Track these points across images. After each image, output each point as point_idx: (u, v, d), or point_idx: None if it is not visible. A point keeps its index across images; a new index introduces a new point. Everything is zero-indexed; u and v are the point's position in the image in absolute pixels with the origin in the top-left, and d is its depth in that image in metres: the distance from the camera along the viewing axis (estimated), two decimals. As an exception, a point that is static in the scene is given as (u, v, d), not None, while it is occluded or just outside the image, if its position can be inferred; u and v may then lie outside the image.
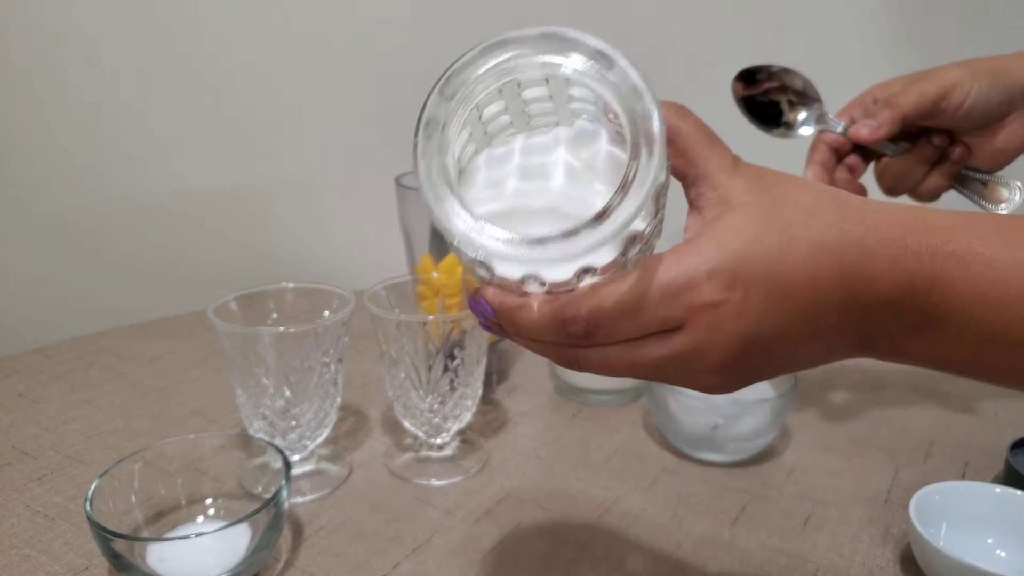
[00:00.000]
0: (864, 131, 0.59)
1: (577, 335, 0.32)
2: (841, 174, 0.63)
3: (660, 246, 0.33)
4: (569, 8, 0.98)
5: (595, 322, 0.31)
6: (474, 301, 0.35)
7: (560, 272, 0.31)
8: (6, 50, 1.11)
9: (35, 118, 1.14)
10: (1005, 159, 0.61)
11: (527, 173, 0.35)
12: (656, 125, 0.29)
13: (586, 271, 0.31)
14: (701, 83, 0.70)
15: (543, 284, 0.32)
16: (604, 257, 0.31)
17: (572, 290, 0.32)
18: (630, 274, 0.31)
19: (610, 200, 0.29)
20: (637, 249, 0.31)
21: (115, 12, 1.08)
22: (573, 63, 0.32)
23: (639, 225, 0.30)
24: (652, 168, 0.29)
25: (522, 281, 0.32)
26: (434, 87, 0.34)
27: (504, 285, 0.33)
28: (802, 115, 0.63)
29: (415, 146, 0.34)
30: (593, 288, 0.31)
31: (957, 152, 0.60)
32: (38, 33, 1.10)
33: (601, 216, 0.29)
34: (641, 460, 0.66)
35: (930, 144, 0.61)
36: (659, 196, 0.32)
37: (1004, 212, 0.57)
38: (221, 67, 1.10)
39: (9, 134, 1.16)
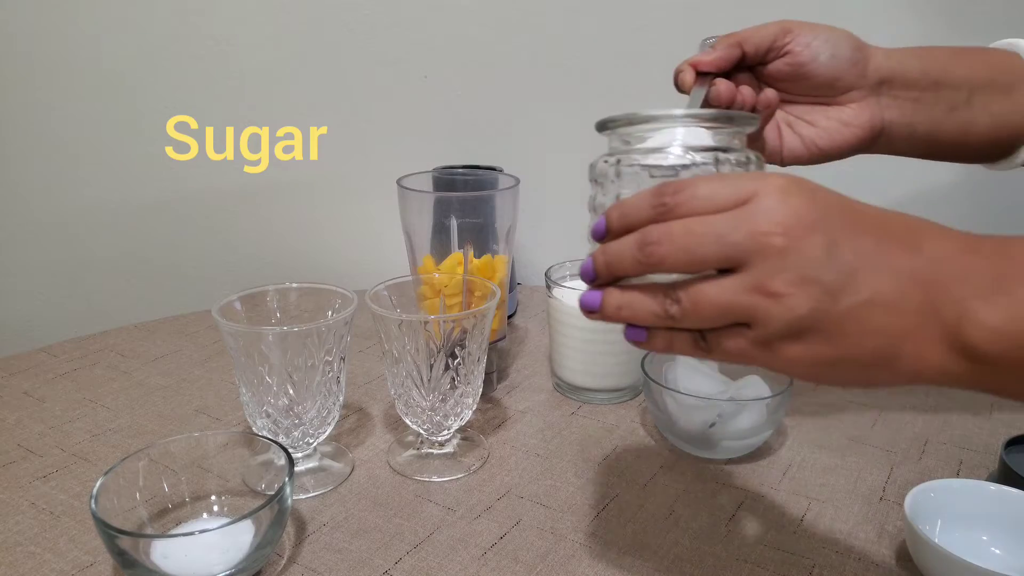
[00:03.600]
0: (703, 56, 0.56)
1: (667, 199, 0.37)
2: None
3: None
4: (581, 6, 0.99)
5: (684, 187, 0.37)
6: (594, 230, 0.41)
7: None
8: (7, 51, 1.12)
9: (40, 120, 1.15)
10: (844, 139, 0.57)
11: None
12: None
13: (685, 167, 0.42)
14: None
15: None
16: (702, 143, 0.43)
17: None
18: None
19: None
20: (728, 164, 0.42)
21: (115, 13, 1.09)
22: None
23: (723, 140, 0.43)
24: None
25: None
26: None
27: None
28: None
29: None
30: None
31: (763, 97, 0.56)
32: (39, 34, 1.11)
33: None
34: (639, 457, 0.67)
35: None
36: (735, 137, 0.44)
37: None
38: (225, 69, 1.10)
39: (14, 135, 1.16)
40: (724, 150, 0.43)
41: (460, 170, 0.84)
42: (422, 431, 0.64)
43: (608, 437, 0.70)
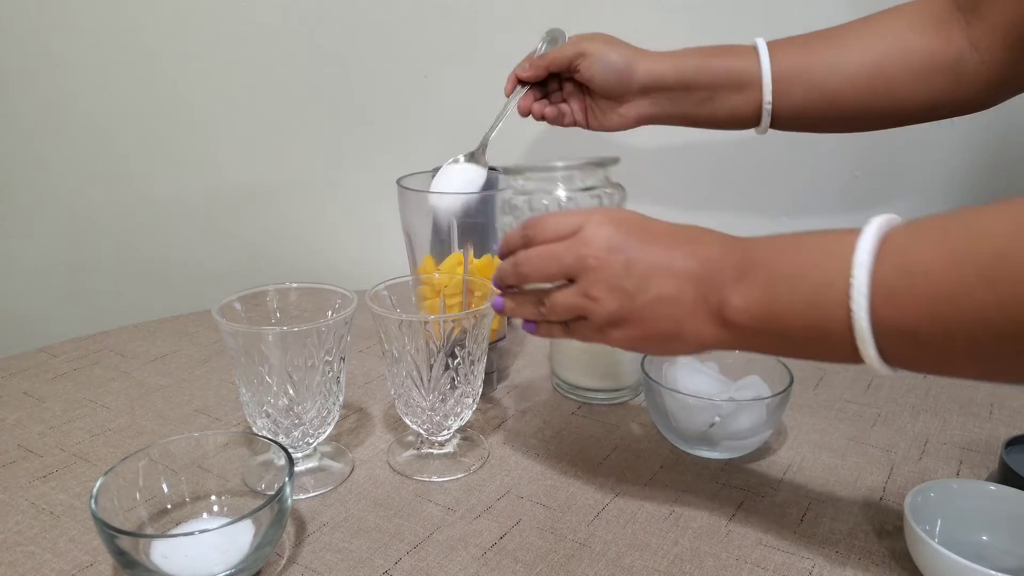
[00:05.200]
0: (523, 72, 0.77)
1: (528, 231, 0.54)
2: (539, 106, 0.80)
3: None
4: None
5: (538, 223, 0.54)
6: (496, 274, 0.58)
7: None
8: (8, 52, 1.12)
9: (40, 120, 1.15)
10: (620, 124, 0.76)
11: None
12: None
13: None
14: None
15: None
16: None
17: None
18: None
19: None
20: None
21: (116, 13, 1.09)
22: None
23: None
24: None
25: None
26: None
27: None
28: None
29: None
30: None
31: (548, 111, 0.78)
32: (40, 35, 1.11)
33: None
34: (639, 457, 0.67)
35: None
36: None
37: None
38: (225, 68, 1.10)
39: (15, 135, 1.16)
40: (590, 188, 0.72)
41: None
42: (422, 431, 0.64)
43: (608, 437, 0.70)
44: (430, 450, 0.66)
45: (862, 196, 1.01)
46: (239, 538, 0.49)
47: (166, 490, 0.55)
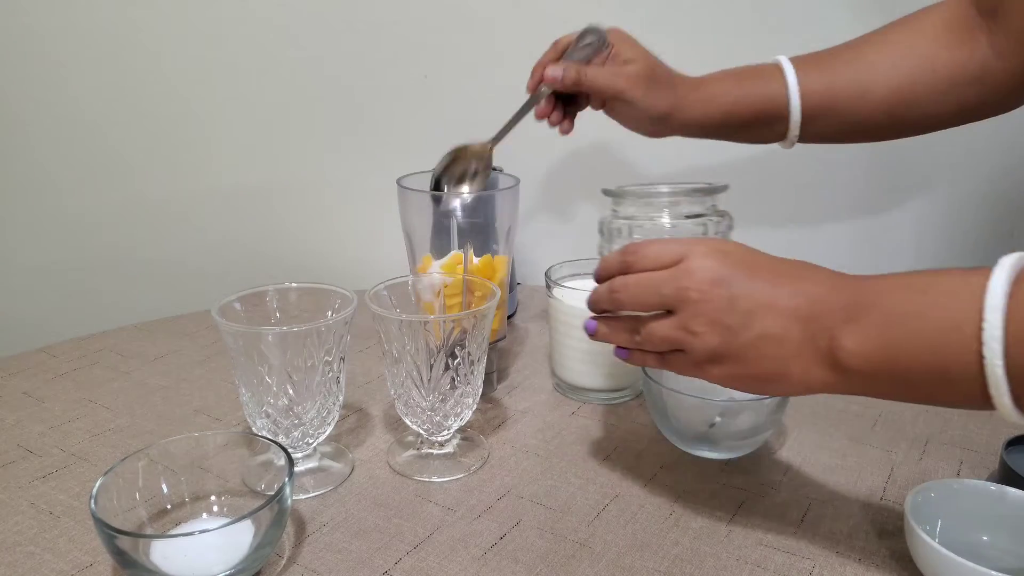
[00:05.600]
0: (554, 72, 0.72)
1: (628, 257, 0.52)
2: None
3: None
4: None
5: (638, 249, 0.51)
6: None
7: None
8: (8, 52, 1.12)
9: (40, 120, 1.15)
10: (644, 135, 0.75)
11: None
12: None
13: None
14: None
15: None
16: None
17: None
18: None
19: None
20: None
21: (116, 14, 1.09)
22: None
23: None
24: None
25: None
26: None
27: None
28: None
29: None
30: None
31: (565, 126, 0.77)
32: (40, 36, 1.11)
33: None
34: (639, 457, 0.67)
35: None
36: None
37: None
38: (225, 68, 1.10)
39: (15, 136, 1.16)
40: (697, 216, 0.65)
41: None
42: (422, 431, 0.64)
43: (608, 437, 0.70)
44: (430, 450, 0.66)
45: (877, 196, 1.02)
46: (239, 538, 0.49)
47: (166, 490, 0.55)
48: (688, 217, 0.68)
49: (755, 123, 0.73)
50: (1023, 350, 0.38)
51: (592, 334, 0.55)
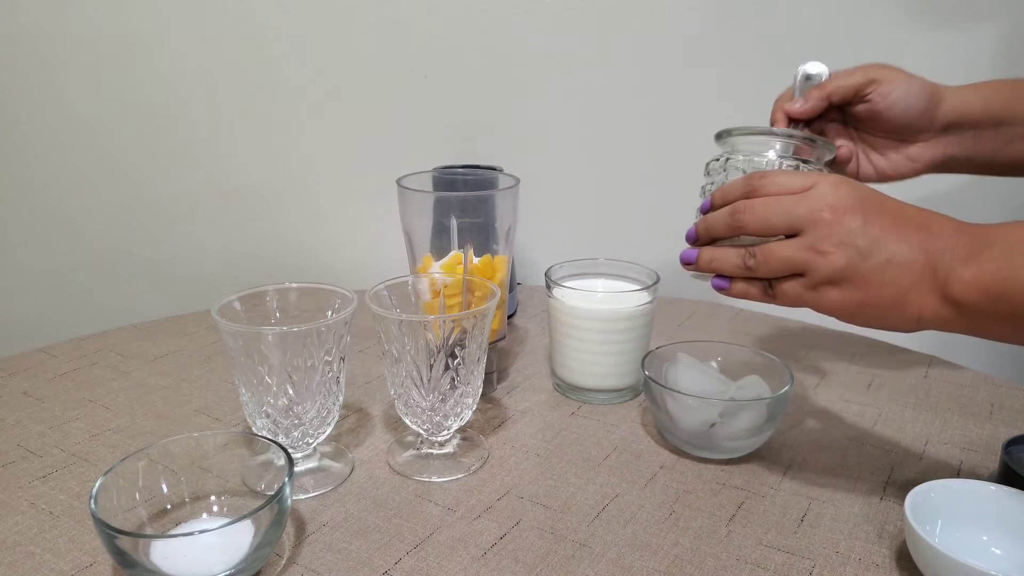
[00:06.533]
0: (794, 107, 0.66)
1: (755, 182, 0.53)
2: None
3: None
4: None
5: (766, 175, 0.53)
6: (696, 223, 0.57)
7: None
8: (8, 53, 1.12)
9: (40, 120, 1.15)
10: (908, 170, 0.68)
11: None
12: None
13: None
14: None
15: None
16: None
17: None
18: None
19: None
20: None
21: (117, 15, 1.09)
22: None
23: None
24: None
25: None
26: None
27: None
28: None
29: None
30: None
31: (841, 152, 0.67)
32: (40, 36, 1.11)
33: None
34: (639, 457, 0.67)
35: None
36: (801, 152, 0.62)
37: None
38: (225, 68, 1.10)
39: (15, 136, 1.16)
40: (805, 161, 0.61)
41: (460, 170, 0.84)
42: (422, 431, 0.64)
43: (608, 437, 0.70)
44: (430, 450, 0.66)
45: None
46: (239, 538, 0.49)
47: (166, 490, 0.55)
48: (798, 160, 0.62)
49: None
50: None
51: (690, 262, 0.56)
